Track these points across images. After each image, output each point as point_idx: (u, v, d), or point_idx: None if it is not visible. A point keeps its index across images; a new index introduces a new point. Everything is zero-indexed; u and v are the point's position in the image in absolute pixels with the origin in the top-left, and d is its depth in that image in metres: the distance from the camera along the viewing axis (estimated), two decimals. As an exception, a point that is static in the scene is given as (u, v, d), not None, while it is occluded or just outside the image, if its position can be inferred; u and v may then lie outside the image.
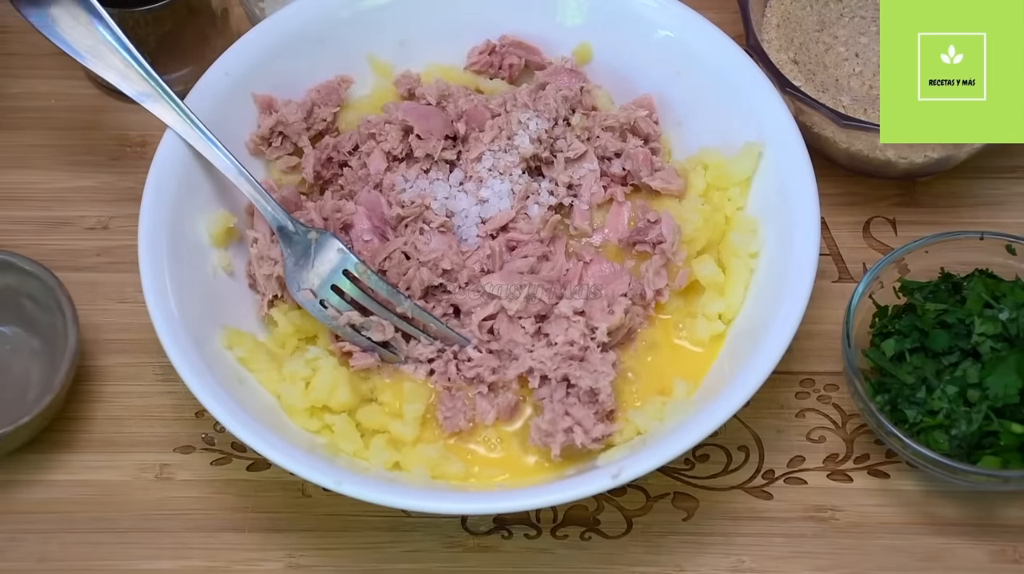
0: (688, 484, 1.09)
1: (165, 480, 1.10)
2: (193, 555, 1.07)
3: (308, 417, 1.06)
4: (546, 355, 1.06)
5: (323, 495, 1.08)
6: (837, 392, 1.12)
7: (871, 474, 1.09)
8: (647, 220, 1.12)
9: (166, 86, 1.09)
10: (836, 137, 1.15)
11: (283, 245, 1.09)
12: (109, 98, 1.16)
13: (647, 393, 1.08)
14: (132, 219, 1.08)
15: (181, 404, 1.12)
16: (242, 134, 1.15)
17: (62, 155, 1.24)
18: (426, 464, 1.04)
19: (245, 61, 1.14)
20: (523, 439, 1.06)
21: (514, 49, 1.19)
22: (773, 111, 1.10)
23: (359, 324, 1.07)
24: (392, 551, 1.07)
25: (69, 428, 1.12)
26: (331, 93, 1.17)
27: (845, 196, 1.20)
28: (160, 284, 1.05)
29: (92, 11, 1.10)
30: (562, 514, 1.08)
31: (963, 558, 1.06)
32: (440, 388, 1.08)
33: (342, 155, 1.16)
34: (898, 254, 1.10)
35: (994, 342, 1.05)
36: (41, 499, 1.09)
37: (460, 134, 1.14)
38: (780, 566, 1.06)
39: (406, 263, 1.10)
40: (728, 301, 1.08)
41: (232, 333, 1.07)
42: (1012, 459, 1.03)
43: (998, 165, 1.21)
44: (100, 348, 1.15)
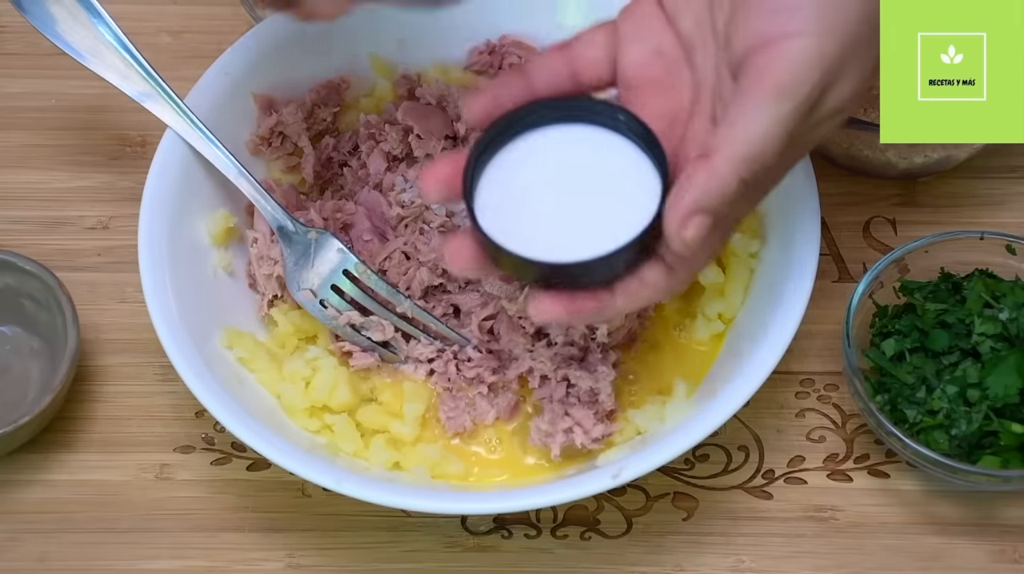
0: (688, 484, 1.09)
1: (165, 480, 1.10)
2: (193, 555, 1.07)
3: (308, 417, 1.06)
4: (546, 355, 1.06)
5: (323, 495, 1.08)
6: (837, 392, 1.12)
7: (871, 474, 1.09)
8: (647, 220, 1.12)
9: (166, 86, 1.10)
10: (836, 137, 1.15)
11: (283, 245, 1.09)
12: (109, 98, 1.16)
13: (647, 393, 1.08)
14: (132, 219, 1.08)
15: (181, 404, 1.12)
16: (242, 134, 1.15)
17: (62, 155, 1.24)
18: (426, 464, 1.04)
19: (245, 61, 1.14)
20: (523, 439, 1.07)
21: (514, 49, 1.19)
22: (773, 111, 1.10)
23: (359, 324, 1.07)
24: (392, 551, 1.07)
25: (69, 428, 1.12)
26: (331, 93, 1.17)
27: (845, 196, 1.20)
28: (160, 284, 1.05)
29: (92, 11, 1.10)
30: (562, 514, 1.08)
31: (963, 558, 1.06)
32: (440, 388, 1.08)
33: (342, 155, 1.16)
34: (898, 254, 1.10)
35: (994, 342, 1.05)
36: (41, 499, 1.09)
37: (460, 134, 1.14)
38: (780, 566, 1.06)
39: (406, 263, 1.10)
40: (728, 301, 1.08)
41: (232, 333, 1.07)
42: (1012, 459, 1.03)
43: (998, 165, 1.21)
44: (100, 348, 1.15)
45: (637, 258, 0.91)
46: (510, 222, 0.92)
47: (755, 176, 0.86)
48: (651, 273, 0.91)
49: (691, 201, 0.86)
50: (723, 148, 0.86)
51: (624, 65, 0.95)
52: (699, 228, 0.86)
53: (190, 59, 1.24)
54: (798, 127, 0.86)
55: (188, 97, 1.11)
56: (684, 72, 0.93)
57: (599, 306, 0.91)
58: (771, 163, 0.87)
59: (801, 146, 0.90)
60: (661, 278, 0.91)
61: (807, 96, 0.86)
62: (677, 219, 0.87)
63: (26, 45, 1.28)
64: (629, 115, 0.93)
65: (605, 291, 0.91)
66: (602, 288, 0.91)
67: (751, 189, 0.88)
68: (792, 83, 0.85)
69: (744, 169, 0.86)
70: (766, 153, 0.86)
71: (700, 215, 0.86)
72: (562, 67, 0.95)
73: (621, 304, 0.91)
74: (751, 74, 0.86)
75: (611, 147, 0.93)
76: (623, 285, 0.91)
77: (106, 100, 1.23)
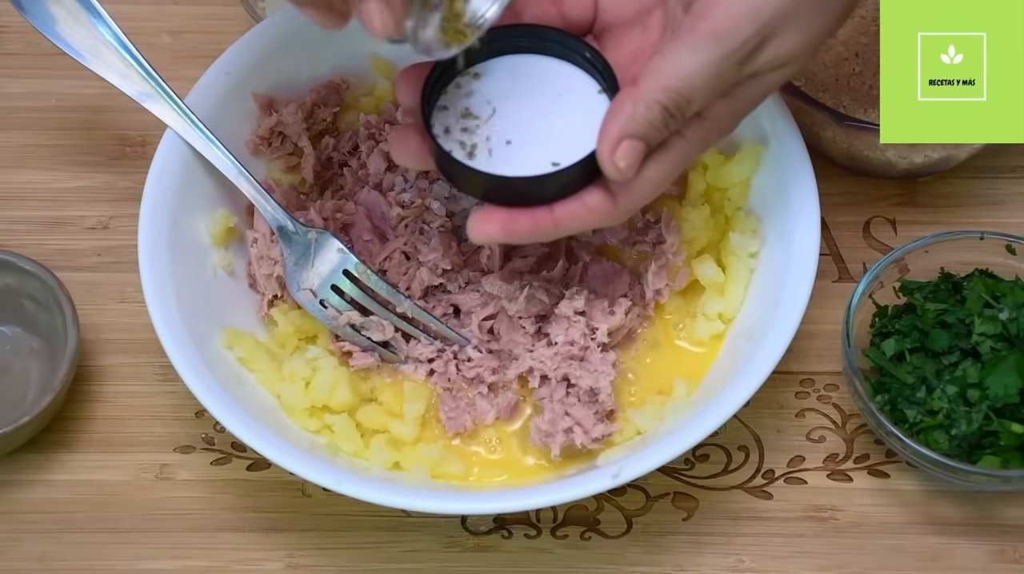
0: (688, 484, 1.09)
1: (165, 480, 1.10)
2: (193, 555, 1.07)
3: (308, 417, 1.06)
4: (546, 355, 1.06)
5: (323, 495, 1.08)
6: (837, 392, 1.12)
7: (871, 474, 1.09)
8: (647, 220, 1.12)
9: (167, 86, 1.10)
10: (836, 137, 1.15)
11: (283, 245, 1.09)
12: (109, 98, 1.16)
13: (647, 393, 1.08)
14: (132, 219, 1.08)
15: (181, 404, 1.12)
16: (242, 134, 1.15)
17: (62, 155, 1.24)
18: (426, 464, 1.04)
19: (245, 61, 1.14)
20: (523, 439, 1.07)
21: (514, 49, 1.19)
22: (773, 111, 1.10)
23: (359, 324, 1.07)
24: (392, 551, 1.07)
25: (69, 428, 1.12)
26: (331, 93, 1.17)
27: (845, 196, 1.20)
28: (160, 284, 1.05)
29: (92, 11, 1.10)
30: (562, 514, 1.08)
31: (963, 558, 1.06)
32: (440, 388, 1.08)
33: (342, 155, 1.16)
34: (898, 254, 1.10)
35: (994, 342, 1.05)
36: (41, 499, 1.09)
37: (460, 134, 1.14)
38: (780, 566, 1.06)
39: (406, 263, 1.10)
40: (728, 301, 1.08)
41: (232, 333, 1.07)
42: (1012, 459, 1.03)
43: (998, 165, 1.21)
44: (100, 348, 1.15)
45: (582, 183, 0.95)
46: (463, 136, 0.97)
47: (679, 107, 0.91)
48: (592, 197, 0.95)
49: (617, 128, 0.91)
50: (648, 77, 0.91)
51: (604, 4, 1.00)
52: (629, 153, 0.91)
53: (190, 59, 1.24)
54: (728, 72, 0.91)
55: (188, 97, 1.11)
56: (656, 12, 0.98)
57: (535, 223, 0.95)
58: (697, 98, 0.91)
59: (742, 95, 0.94)
60: (602, 203, 0.95)
61: (741, 43, 0.90)
62: (608, 145, 0.92)
63: (26, 45, 1.28)
64: (595, 51, 0.98)
65: (543, 210, 0.95)
66: (541, 207, 0.95)
67: (676, 120, 0.92)
68: (727, 30, 0.90)
69: (666, 98, 0.90)
70: (691, 86, 0.90)
71: (628, 140, 0.91)
72: (550, 6, 1.00)
73: (559, 223, 0.95)
74: (694, 14, 0.91)
75: (571, 79, 0.98)
76: (562, 205, 0.95)
77: (106, 100, 1.23)
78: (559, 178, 0.94)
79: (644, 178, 0.94)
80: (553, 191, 0.94)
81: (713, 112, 0.94)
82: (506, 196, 0.95)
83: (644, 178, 0.94)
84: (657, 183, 0.95)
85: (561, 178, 0.94)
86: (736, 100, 0.94)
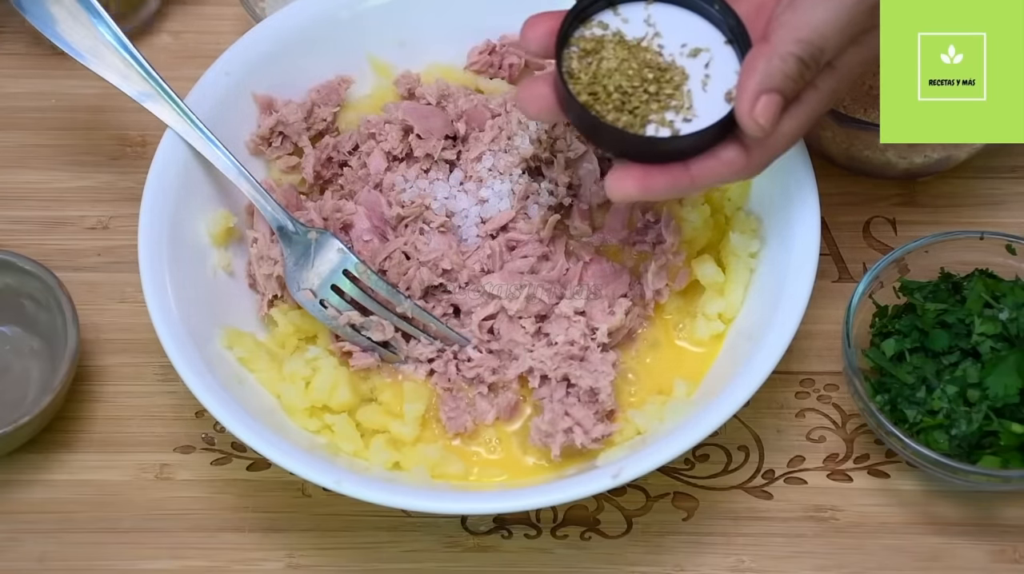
0: (688, 484, 1.09)
1: (165, 480, 1.10)
2: (193, 555, 1.07)
3: (308, 417, 1.06)
4: (546, 355, 1.06)
5: (323, 495, 1.08)
6: (837, 392, 1.12)
7: (871, 474, 1.09)
8: (647, 220, 1.12)
9: (166, 86, 1.10)
10: (836, 137, 1.15)
11: (283, 245, 1.09)
12: (109, 98, 1.16)
13: (647, 393, 1.08)
14: (132, 219, 1.08)
15: (181, 404, 1.12)
16: (242, 134, 1.15)
17: (62, 155, 1.24)
18: (426, 464, 1.04)
19: (245, 61, 1.14)
20: (523, 439, 1.07)
21: (514, 49, 1.19)
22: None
23: (359, 324, 1.07)
24: (392, 551, 1.07)
25: (69, 428, 1.12)
26: (331, 93, 1.17)
27: (845, 196, 1.20)
28: (160, 284, 1.05)
29: (92, 11, 1.10)
30: (562, 514, 1.08)
31: (963, 558, 1.06)
32: (440, 388, 1.08)
33: (342, 155, 1.16)
34: (898, 254, 1.10)
35: (994, 342, 1.05)
36: (41, 499, 1.09)
37: (460, 134, 1.14)
38: (780, 566, 1.06)
39: (406, 263, 1.10)
40: (728, 301, 1.08)
41: (232, 333, 1.07)
42: (1012, 459, 1.03)
43: (998, 165, 1.21)
44: (100, 348, 1.15)
45: (718, 139, 0.95)
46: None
47: (813, 58, 0.92)
48: (728, 152, 0.95)
49: (755, 83, 0.92)
50: (779, 30, 0.92)
51: None
52: (768, 107, 0.92)
53: (190, 59, 1.24)
54: (860, 18, 0.92)
55: (188, 97, 1.11)
56: None
57: (672, 180, 0.95)
58: (829, 48, 0.92)
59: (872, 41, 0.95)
60: (737, 157, 0.95)
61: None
62: (747, 102, 0.92)
63: (26, 45, 1.28)
64: (723, 4, 0.97)
65: (678, 166, 0.95)
66: (676, 164, 0.95)
67: (810, 71, 0.92)
68: None
69: (800, 49, 0.91)
70: (823, 36, 0.92)
71: (767, 95, 0.92)
72: None
73: (695, 179, 0.95)
74: None
75: (701, 33, 0.98)
76: (698, 162, 0.95)
77: (106, 100, 1.23)
78: (701, 136, 0.94)
79: (779, 132, 0.95)
80: (692, 148, 0.95)
81: (844, 61, 0.95)
82: (643, 154, 0.95)
83: (779, 132, 0.95)
84: (791, 136, 0.96)
85: (704, 137, 0.94)
86: (866, 47, 0.95)
